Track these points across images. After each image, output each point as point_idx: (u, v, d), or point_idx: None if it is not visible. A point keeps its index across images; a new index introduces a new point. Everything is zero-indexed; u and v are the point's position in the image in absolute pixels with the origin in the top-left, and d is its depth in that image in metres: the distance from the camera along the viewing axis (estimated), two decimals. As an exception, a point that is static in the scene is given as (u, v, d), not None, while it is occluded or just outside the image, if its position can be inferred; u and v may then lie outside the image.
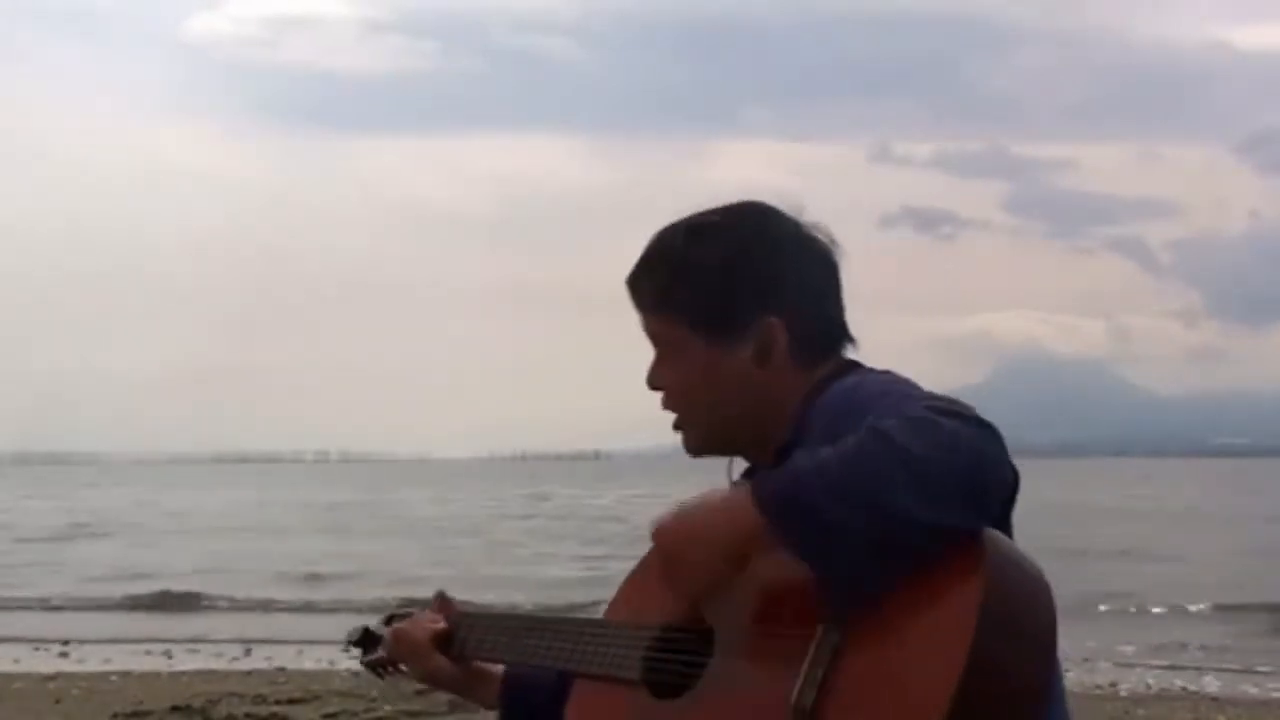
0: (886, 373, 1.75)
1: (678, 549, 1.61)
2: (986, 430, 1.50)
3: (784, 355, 1.79)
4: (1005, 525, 1.58)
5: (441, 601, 2.14)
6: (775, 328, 1.78)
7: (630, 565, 1.88)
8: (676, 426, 1.88)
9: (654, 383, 1.88)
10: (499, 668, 2.09)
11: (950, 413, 1.50)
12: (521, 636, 1.99)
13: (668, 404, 1.88)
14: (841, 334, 1.84)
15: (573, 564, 23.17)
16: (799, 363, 1.80)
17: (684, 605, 1.70)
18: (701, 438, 1.87)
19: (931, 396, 1.58)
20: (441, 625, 2.10)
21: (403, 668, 2.16)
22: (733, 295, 1.79)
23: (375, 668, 2.18)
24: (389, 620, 2.21)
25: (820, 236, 1.84)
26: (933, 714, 1.39)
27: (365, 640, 2.21)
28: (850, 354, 1.84)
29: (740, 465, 1.92)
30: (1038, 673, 1.48)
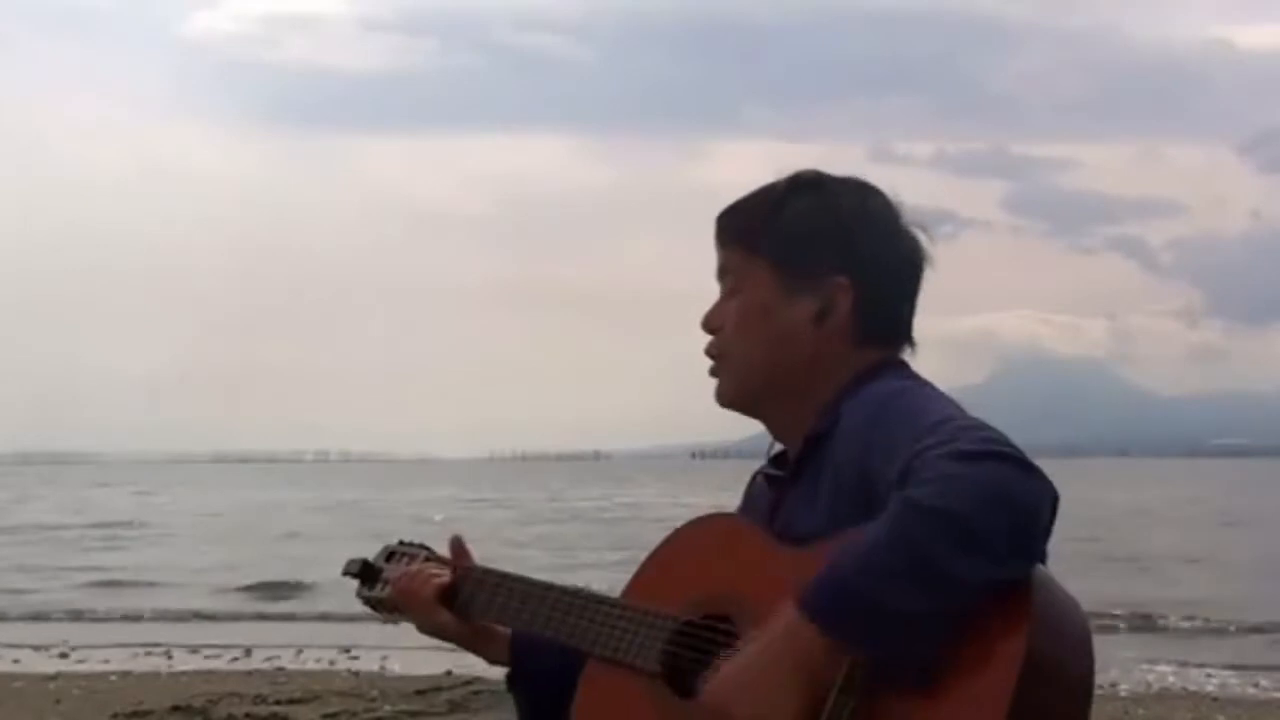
0: (925, 386, 1.73)
1: (739, 706, 1.50)
2: (1024, 468, 1.46)
3: (843, 322, 1.77)
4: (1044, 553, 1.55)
5: (456, 549, 2.07)
6: (843, 290, 1.77)
7: None
8: (713, 372, 1.85)
9: (711, 323, 1.85)
10: (504, 628, 2.01)
11: (980, 455, 1.45)
12: (533, 604, 1.92)
13: (715, 346, 1.84)
14: (904, 331, 1.83)
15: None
16: (854, 337, 1.77)
17: (708, 602, 1.67)
18: (738, 382, 1.82)
19: (967, 429, 1.52)
20: (448, 579, 2.01)
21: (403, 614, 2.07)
22: (814, 245, 1.78)
23: (373, 605, 2.10)
24: (389, 556, 2.12)
25: (916, 233, 1.84)
26: None
27: (364, 573, 2.11)
28: (907, 355, 1.82)
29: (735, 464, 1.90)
30: (1080, 709, 1.46)
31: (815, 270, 1.77)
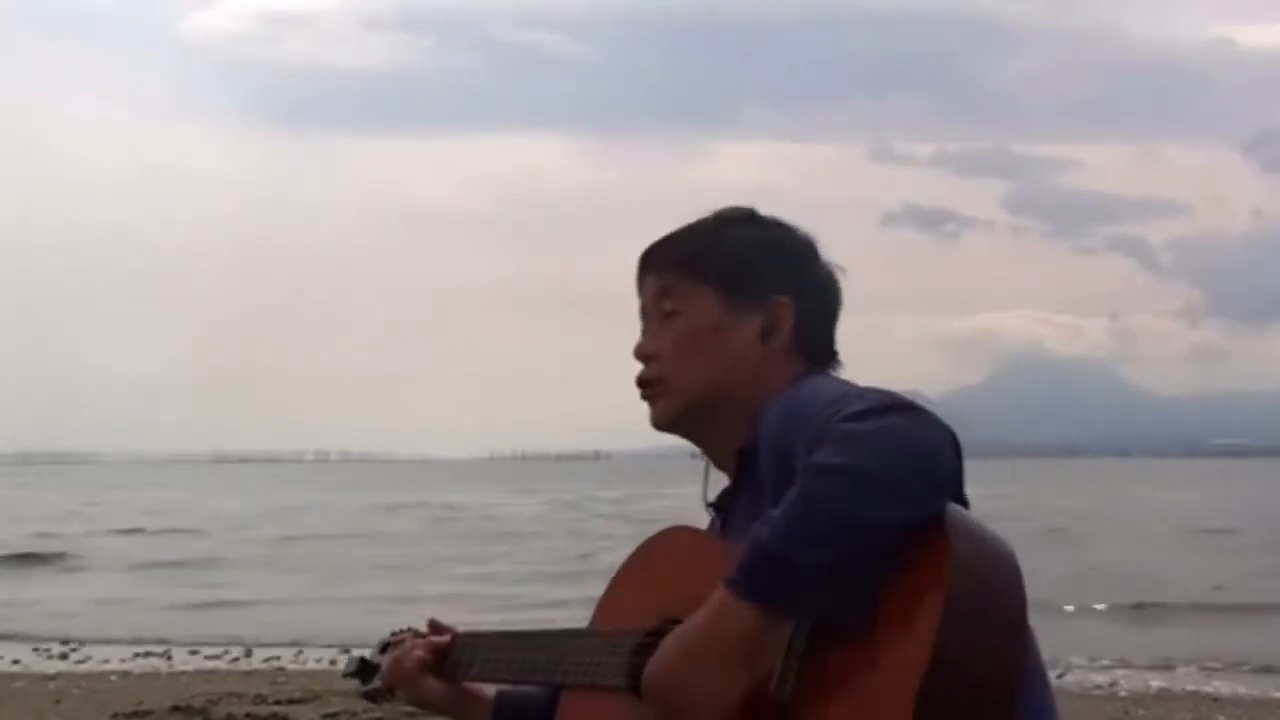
0: (824, 377, 1.80)
1: (678, 698, 1.55)
2: (913, 415, 1.52)
3: (786, 340, 1.84)
4: (960, 494, 1.58)
5: (433, 626, 2.16)
6: (785, 308, 1.84)
7: None
8: (647, 396, 1.90)
9: (644, 350, 1.90)
10: (492, 688, 2.10)
11: (869, 412, 1.51)
12: (508, 653, 2.00)
13: (648, 371, 1.89)
14: (832, 349, 1.90)
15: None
16: (794, 354, 1.85)
17: (670, 609, 1.69)
18: (680, 404, 1.87)
19: (860, 395, 1.60)
20: (430, 648, 2.10)
21: (398, 694, 2.17)
22: (757, 268, 1.86)
23: (373, 697, 2.21)
24: (384, 649, 2.22)
25: (831, 264, 1.92)
26: (904, 697, 1.40)
27: (362, 670, 2.23)
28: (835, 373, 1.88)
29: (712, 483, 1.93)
30: (1009, 650, 1.47)
31: (759, 292, 1.85)
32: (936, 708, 1.40)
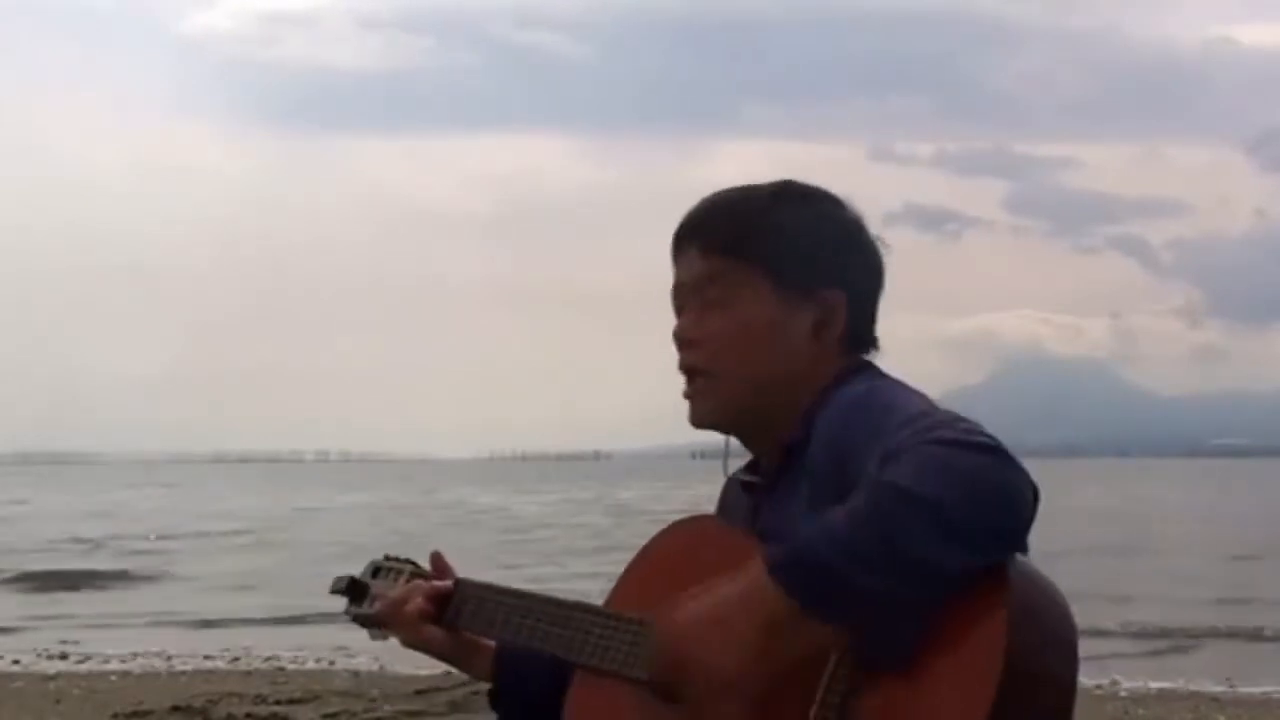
0: (896, 383, 1.70)
1: (694, 656, 1.51)
2: (1001, 457, 1.43)
3: (838, 335, 1.75)
4: (1022, 541, 1.52)
5: (438, 565, 2.04)
6: (840, 305, 1.75)
7: None
8: (692, 390, 1.78)
9: (689, 334, 1.77)
10: (489, 640, 1.99)
11: (961, 444, 1.43)
12: (519, 616, 1.87)
13: (696, 359, 1.77)
14: (874, 341, 1.81)
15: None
16: (843, 350, 1.76)
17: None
18: (726, 400, 1.76)
19: (942, 423, 1.49)
20: (434, 593, 1.98)
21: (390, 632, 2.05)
22: (815, 256, 1.74)
23: (362, 621, 2.09)
24: (376, 572, 2.11)
25: (877, 242, 1.83)
26: None
27: (352, 590, 2.10)
28: (873, 357, 1.81)
29: (733, 462, 1.87)
30: (1063, 703, 1.44)
31: (814, 282, 1.74)
32: None
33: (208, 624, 15.39)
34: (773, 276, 1.73)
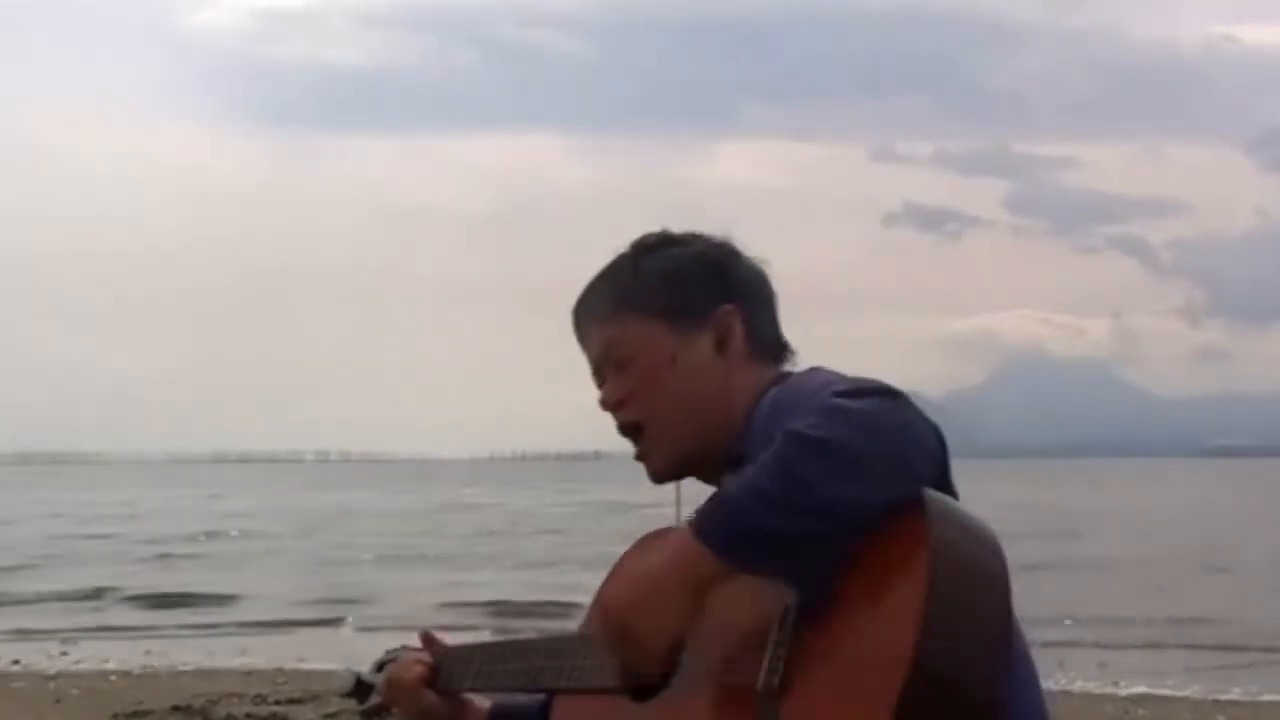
0: (809, 370, 1.80)
1: (632, 622, 1.59)
2: (892, 398, 1.53)
3: (741, 344, 1.84)
4: (946, 483, 1.59)
5: (426, 640, 2.18)
6: (732, 315, 1.84)
7: None
8: (639, 450, 1.88)
9: (611, 399, 1.89)
10: (487, 700, 2.12)
11: (858, 392, 1.53)
12: (500, 662, 2.02)
13: (629, 418, 1.88)
14: (784, 342, 1.90)
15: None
16: (753, 357, 1.85)
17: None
18: (667, 444, 1.86)
19: (841, 380, 1.62)
20: (427, 662, 2.12)
21: (395, 710, 2.19)
22: (690, 285, 1.85)
23: (370, 715, 2.23)
24: (380, 667, 2.24)
25: (752, 254, 1.92)
26: (895, 677, 1.40)
27: (358, 690, 2.26)
28: (791, 367, 1.88)
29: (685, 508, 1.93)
30: (997, 625, 1.47)
31: (698, 307, 1.84)
32: (919, 702, 1.39)
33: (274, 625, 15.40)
34: (660, 317, 1.85)
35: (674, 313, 1.84)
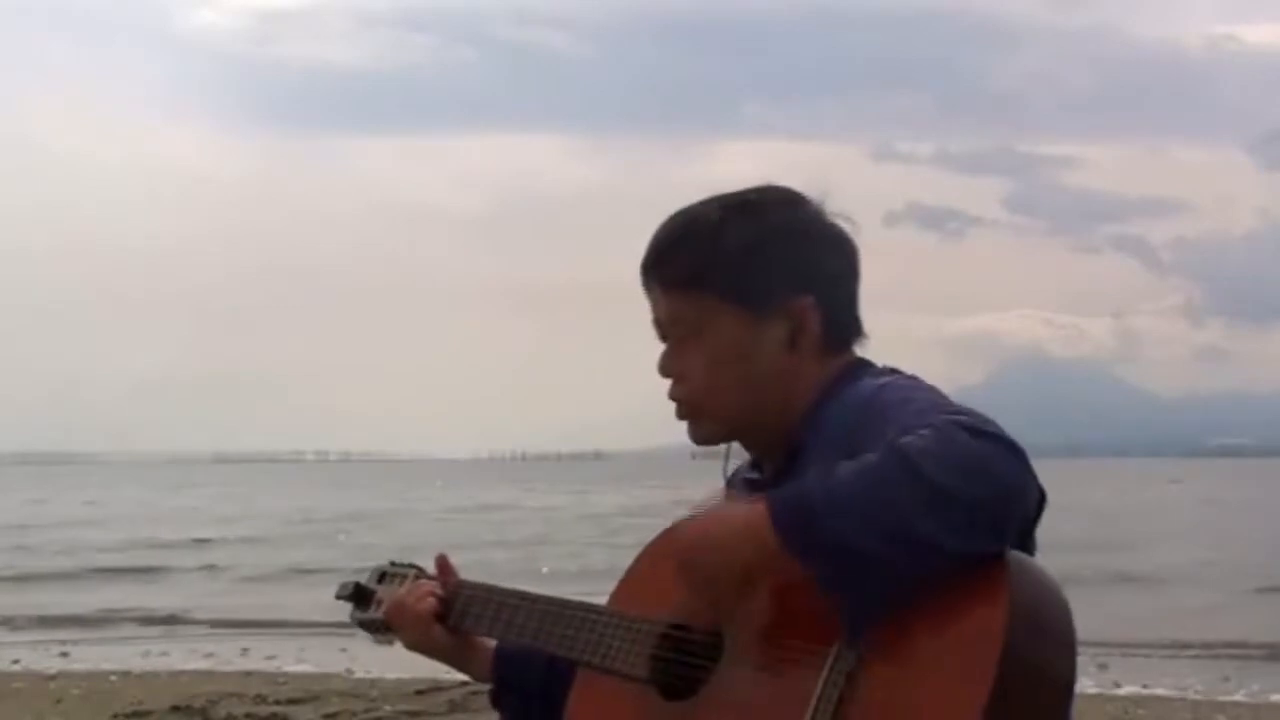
0: (910, 378, 1.71)
1: (698, 555, 1.57)
2: (1012, 451, 1.45)
3: (814, 340, 1.76)
4: (1029, 542, 1.54)
5: (442, 567, 2.08)
6: (809, 309, 1.75)
7: None
8: (684, 415, 1.81)
9: (670, 369, 1.81)
10: (493, 641, 2.03)
11: (975, 430, 1.45)
12: (522, 616, 1.92)
13: (682, 391, 1.80)
14: (859, 327, 1.82)
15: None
16: (825, 350, 1.77)
17: (694, 603, 1.65)
18: (719, 423, 1.79)
19: (956, 411, 1.52)
20: (440, 595, 2.03)
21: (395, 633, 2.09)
22: (770, 272, 1.75)
23: (368, 626, 2.13)
24: (381, 577, 2.15)
25: (843, 225, 1.82)
26: None
27: (357, 595, 2.14)
28: (861, 349, 1.82)
29: (733, 461, 1.89)
30: (1062, 700, 1.44)
31: (775, 296, 1.75)
32: None
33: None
34: (733, 302, 1.75)
35: (747, 300, 1.74)
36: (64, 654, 12.54)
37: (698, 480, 1.88)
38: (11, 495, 57.88)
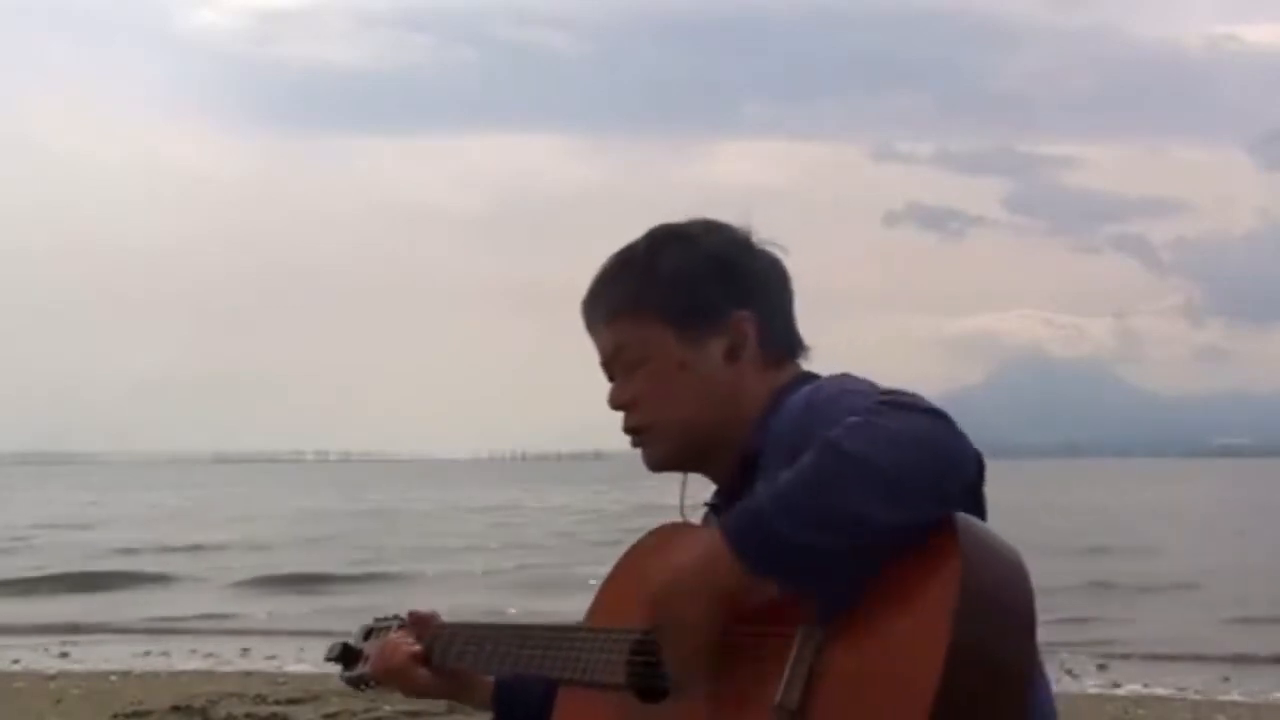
0: (842, 376, 1.76)
1: (674, 616, 1.59)
2: (937, 419, 1.51)
3: (754, 352, 1.82)
4: (978, 507, 1.57)
5: (415, 619, 2.14)
6: (746, 322, 1.81)
7: None
8: (637, 442, 1.88)
9: (619, 400, 1.88)
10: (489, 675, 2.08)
11: (899, 406, 1.51)
12: (499, 646, 1.99)
13: (630, 421, 1.87)
14: (799, 340, 1.88)
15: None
16: (766, 362, 1.83)
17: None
18: (669, 446, 1.86)
19: (881, 393, 1.59)
20: (417, 647, 2.10)
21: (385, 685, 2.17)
22: (705, 289, 1.82)
23: (356, 684, 2.21)
24: (367, 634, 2.22)
25: (770, 248, 1.88)
26: (921, 702, 1.39)
27: (345, 656, 2.23)
28: (805, 363, 1.87)
29: (691, 486, 1.93)
30: (1021, 652, 1.47)
31: (712, 311, 1.81)
32: (956, 701, 1.39)
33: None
34: (670, 322, 1.82)
35: (685, 317, 1.81)
36: (64, 654, 12.55)
37: (696, 480, 1.90)
38: (12, 495, 57.97)
